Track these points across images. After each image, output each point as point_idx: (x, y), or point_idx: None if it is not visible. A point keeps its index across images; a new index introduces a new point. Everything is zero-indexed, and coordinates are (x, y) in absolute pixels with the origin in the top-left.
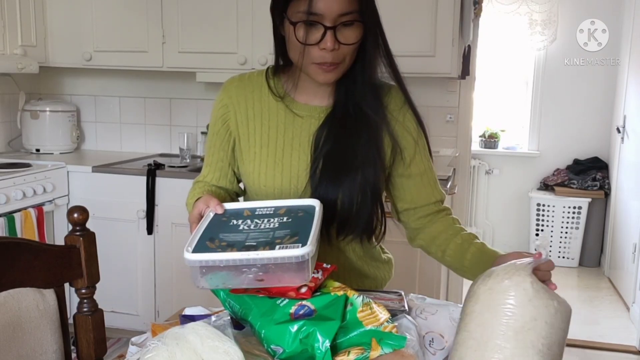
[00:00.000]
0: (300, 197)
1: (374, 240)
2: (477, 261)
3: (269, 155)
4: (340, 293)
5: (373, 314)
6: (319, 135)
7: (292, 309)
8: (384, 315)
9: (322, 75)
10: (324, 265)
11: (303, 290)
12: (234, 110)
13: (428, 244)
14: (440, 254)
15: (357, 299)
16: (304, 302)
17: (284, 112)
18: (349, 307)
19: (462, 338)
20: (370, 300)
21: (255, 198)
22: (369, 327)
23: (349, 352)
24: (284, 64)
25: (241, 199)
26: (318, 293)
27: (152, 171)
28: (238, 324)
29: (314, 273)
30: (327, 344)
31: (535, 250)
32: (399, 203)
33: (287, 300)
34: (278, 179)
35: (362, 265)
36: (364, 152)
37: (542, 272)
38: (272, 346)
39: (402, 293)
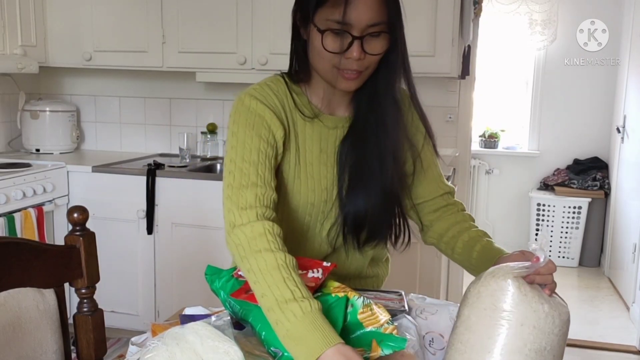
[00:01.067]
0: (330, 210)
1: (398, 246)
2: (483, 260)
3: (301, 172)
4: (341, 294)
5: (373, 315)
6: (343, 148)
7: None
8: (384, 316)
9: (345, 83)
10: (324, 263)
11: None
12: (279, 120)
13: (437, 241)
14: (449, 251)
15: (357, 300)
16: None
17: (311, 124)
18: (349, 309)
19: (452, 341)
20: (371, 302)
21: (280, 206)
22: (369, 329)
23: None
24: (300, 71)
25: None
26: (319, 293)
27: (152, 171)
28: (238, 323)
29: (314, 272)
30: None
31: (534, 252)
32: (407, 200)
33: None
34: (311, 195)
35: (362, 267)
36: (385, 162)
37: (541, 277)
38: (272, 348)
39: (403, 293)
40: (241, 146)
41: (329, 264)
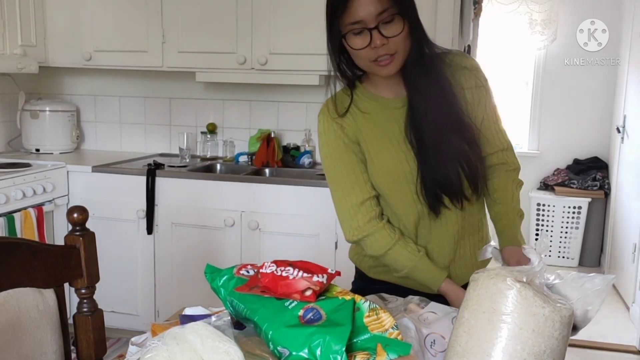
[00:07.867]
0: (417, 178)
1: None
2: (500, 237)
3: (380, 152)
4: (348, 297)
5: (379, 319)
6: (407, 128)
7: (301, 312)
8: (389, 321)
9: (383, 70)
10: (329, 270)
11: (308, 293)
12: (352, 130)
13: (485, 196)
14: (489, 208)
15: (364, 304)
16: (312, 305)
17: (369, 115)
18: (356, 311)
19: (452, 343)
20: (377, 306)
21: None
22: (374, 333)
23: (355, 356)
24: (354, 74)
25: None
26: (323, 297)
27: (152, 171)
28: (238, 323)
29: (319, 277)
30: (342, 348)
31: (527, 254)
32: None
33: (295, 302)
34: (399, 168)
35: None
36: (449, 130)
37: None
38: (278, 348)
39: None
40: (335, 168)
41: (333, 271)
